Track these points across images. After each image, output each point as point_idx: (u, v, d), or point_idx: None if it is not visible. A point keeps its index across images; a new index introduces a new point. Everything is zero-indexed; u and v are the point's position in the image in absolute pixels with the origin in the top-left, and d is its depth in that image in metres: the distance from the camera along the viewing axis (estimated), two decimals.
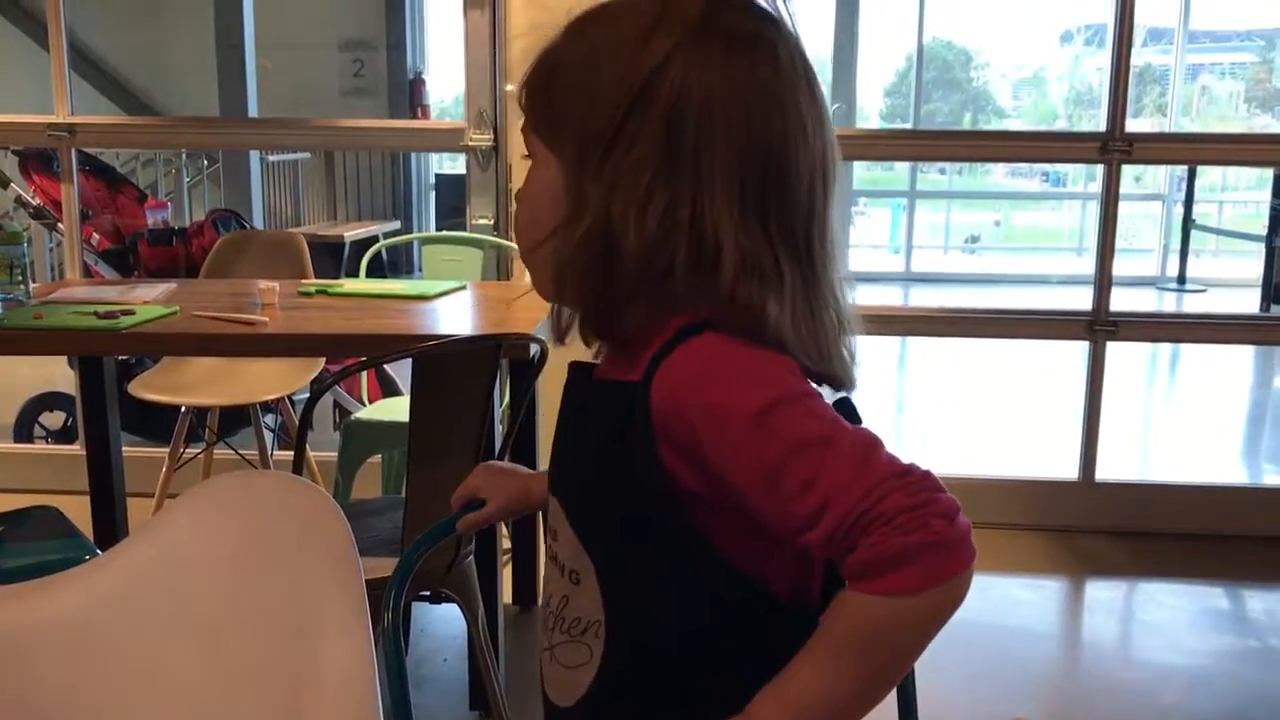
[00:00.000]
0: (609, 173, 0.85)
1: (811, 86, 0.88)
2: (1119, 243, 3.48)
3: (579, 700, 0.91)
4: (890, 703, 1.16)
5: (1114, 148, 3.33)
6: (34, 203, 4.16)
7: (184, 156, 7.21)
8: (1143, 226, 9.92)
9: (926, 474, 0.79)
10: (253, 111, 7.15)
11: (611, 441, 0.86)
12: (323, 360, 3.33)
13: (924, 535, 0.76)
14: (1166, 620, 2.98)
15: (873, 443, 0.81)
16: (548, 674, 0.95)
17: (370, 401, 3.55)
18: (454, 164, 8.77)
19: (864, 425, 0.90)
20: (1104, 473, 3.52)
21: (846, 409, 0.93)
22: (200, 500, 1.19)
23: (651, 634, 0.88)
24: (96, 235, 4.07)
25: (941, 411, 5.25)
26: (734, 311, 0.84)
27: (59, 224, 3.90)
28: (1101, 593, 3.22)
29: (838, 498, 0.78)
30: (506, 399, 2.70)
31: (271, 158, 7.78)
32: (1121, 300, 3.49)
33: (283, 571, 1.13)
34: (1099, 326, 3.44)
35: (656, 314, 0.86)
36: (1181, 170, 8.80)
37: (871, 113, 10.34)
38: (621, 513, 0.87)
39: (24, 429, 4.02)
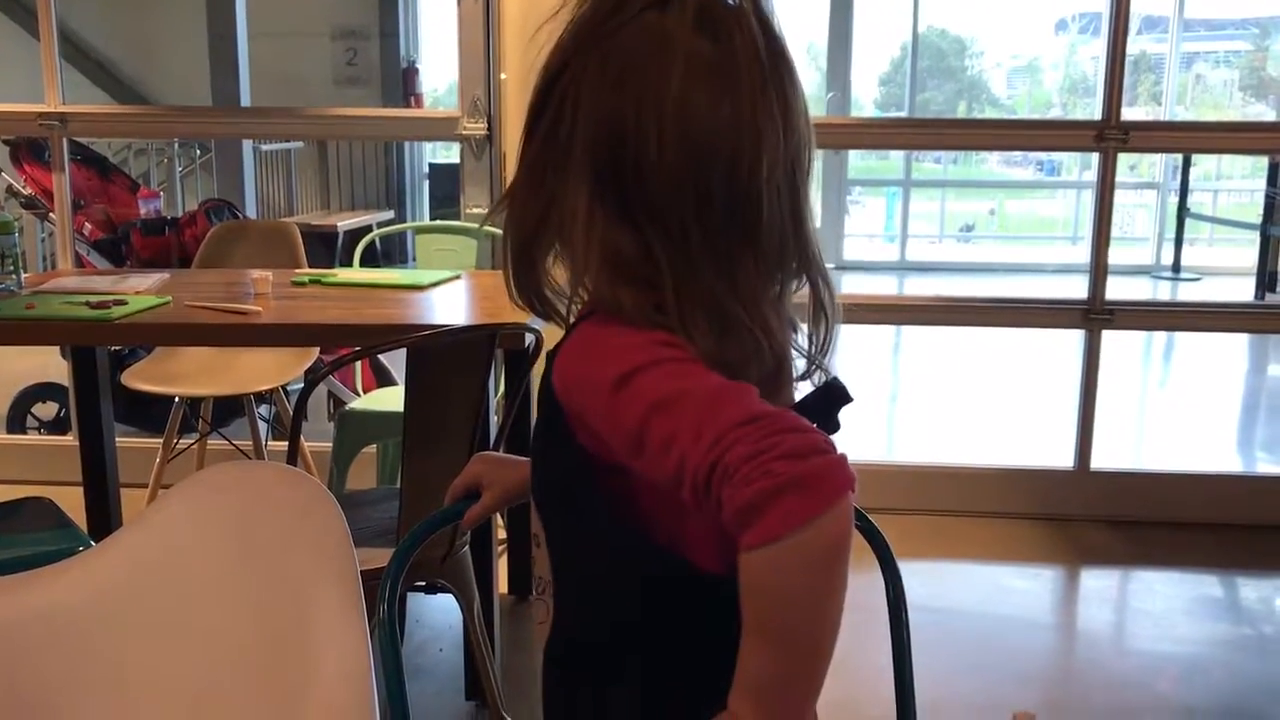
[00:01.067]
0: (519, 165, 0.90)
1: (722, 73, 0.84)
2: (1114, 231, 3.47)
3: (543, 653, 0.97)
4: (888, 689, 1.16)
5: (1110, 136, 3.33)
6: (25, 192, 4.15)
7: (176, 146, 7.19)
8: (1137, 215, 9.92)
9: (777, 415, 0.77)
10: (245, 100, 7.12)
11: (544, 416, 0.91)
12: (316, 350, 3.32)
13: (767, 481, 0.74)
14: (1161, 609, 2.99)
15: (726, 392, 0.79)
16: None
17: (365, 391, 3.54)
18: (448, 153, 8.75)
19: (845, 408, 0.91)
20: (1099, 461, 3.52)
21: (834, 393, 0.92)
22: (194, 491, 1.19)
23: (584, 599, 0.93)
24: (88, 225, 4.05)
25: (936, 401, 5.25)
26: (598, 301, 0.88)
27: (50, 214, 3.88)
28: (1096, 581, 3.22)
29: (690, 452, 0.77)
30: (501, 389, 2.69)
31: (264, 147, 7.76)
32: (1116, 289, 3.49)
33: (277, 562, 1.12)
34: (1094, 315, 3.44)
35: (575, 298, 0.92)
36: (1176, 159, 8.79)
37: (866, 101, 10.33)
38: (552, 483, 0.92)
39: (17, 419, 4.01)
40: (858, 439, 0.93)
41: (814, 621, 0.77)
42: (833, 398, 0.91)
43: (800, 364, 0.92)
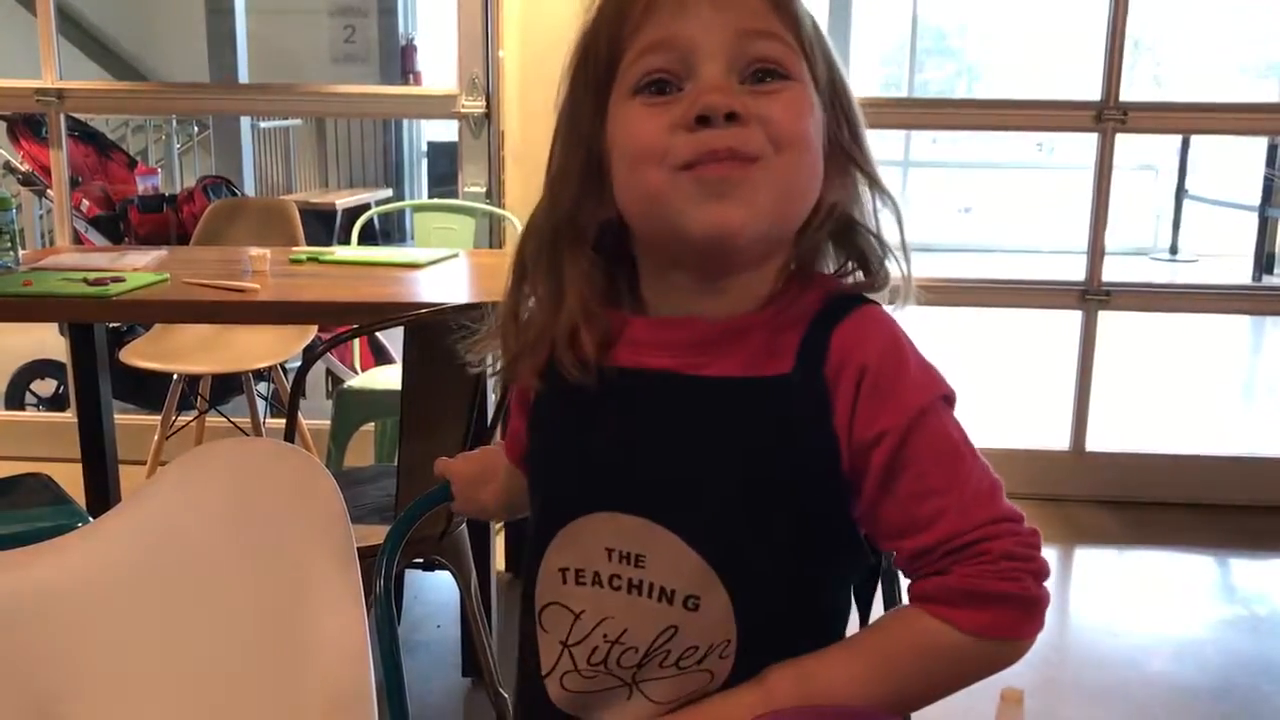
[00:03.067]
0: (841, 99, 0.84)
1: None
2: (1113, 212, 3.47)
3: None
4: None
5: (1108, 116, 3.32)
6: (23, 169, 4.14)
7: (174, 122, 7.16)
8: (1134, 196, 9.89)
9: (1035, 530, 0.79)
10: (243, 77, 7.10)
11: (762, 441, 0.79)
12: (315, 328, 3.32)
13: (1017, 587, 0.76)
14: (1155, 589, 3.00)
15: (997, 479, 0.80)
16: (615, 714, 0.85)
17: (362, 370, 3.54)
18: (447, 131, 8.71)
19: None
20: (1095, 443, 3.53)
21: None
22: (191, 467, 1.19)
23: (790, 630, 0.83)
24: (86, 202, 4.05)
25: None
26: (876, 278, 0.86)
27: (48, 190, 3.88)
28: (1091, 561, 3.23)
29: (955, 516, 0.77)
30: None
31: (263, 124, 7.73)
32: (1113, 271, 3.50)
33: (274, 539, 1.13)
34: (1091, 296, 3.44)
35: (782, 270, 0.83)
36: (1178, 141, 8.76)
37: (866, 81, 10.28)
38: (779, 512, 0.80)
39: (15, 396, 4.02)
40: None
41: (925, 701, 0.79)
42: None
43: None
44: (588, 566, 0.84)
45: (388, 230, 8.19)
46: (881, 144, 0.81)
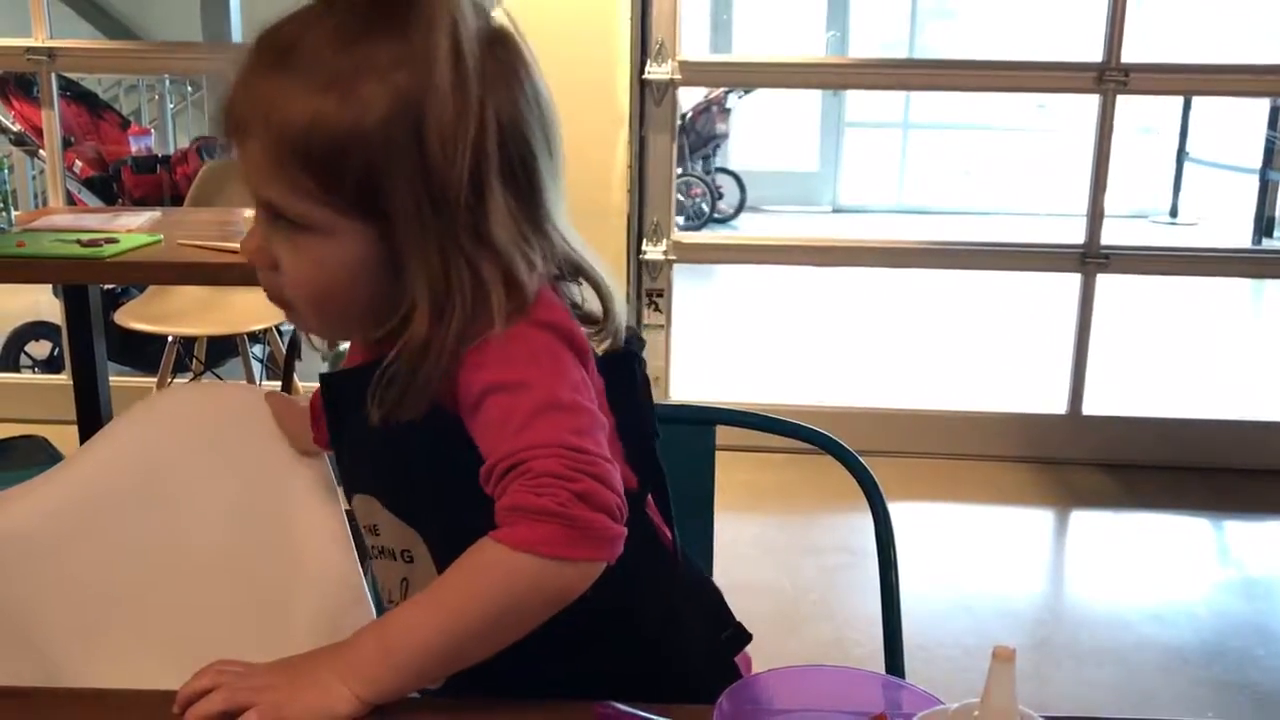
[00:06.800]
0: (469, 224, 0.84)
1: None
2: (1114, 175, 3.45)
3: None
4: (875, 627, 1.17)
5: (1110, 78, 3.29)
6: (14, 129, 4.10)
7: (167, 82, 7.09)
8: (1133, 158, 9.83)
9: (600, 462, 0.79)
10: (236, 37, 7.02)
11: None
12: None
13: (552, 503, 0.77)
14: (1150, 551, 3.02)
15: (579, 410, 0.81)
16: None
17: None
18: None
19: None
20: (1091, 406, 3.53)
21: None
22: (164, 407, 1.18)
23: None
24: (79, 162, 4.01)
25: (931, 344, 5.25)
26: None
27: (40, 151, 3.85)
28: (1087, 524, 3.25)
29: (508, 439, 0.79)
30: None
31: None
32: (1113, 234, 3.48)
33: (255, 473, 1.11)
34: (1090, 259, 3.43)
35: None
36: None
37: (867, 43, 10.20)
38: (434, 462, 0.87)
39: (10, 358, 4.00)
40: (853, 381, 0.92)
41: (496, 628, 0.80)
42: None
43: None
44: (370, 543, 0.97)
45: None
46: (882, 106, 0.79)
